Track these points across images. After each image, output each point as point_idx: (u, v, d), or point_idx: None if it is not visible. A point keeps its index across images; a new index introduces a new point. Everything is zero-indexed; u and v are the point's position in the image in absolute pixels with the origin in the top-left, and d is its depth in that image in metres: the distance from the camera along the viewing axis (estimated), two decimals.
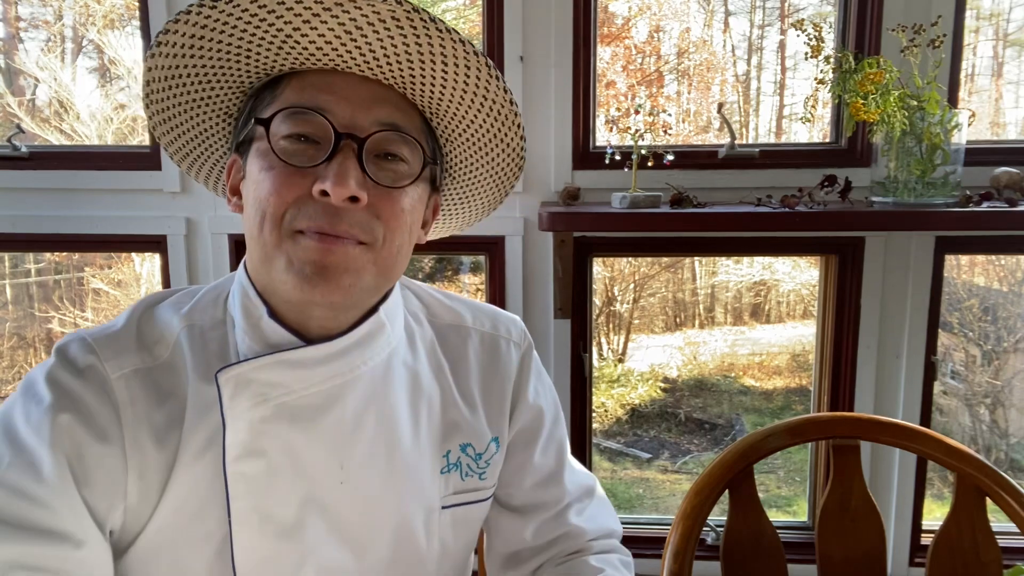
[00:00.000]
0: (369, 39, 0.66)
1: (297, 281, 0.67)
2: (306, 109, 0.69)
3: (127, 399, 0.69)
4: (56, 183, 1.77)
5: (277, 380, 0.71)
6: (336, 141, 0.67)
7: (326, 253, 0.67)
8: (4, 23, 2.73)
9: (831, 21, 1.74)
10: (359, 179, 0.67)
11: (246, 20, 0.66)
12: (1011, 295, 2.76)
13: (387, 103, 0.71)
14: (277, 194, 0.67)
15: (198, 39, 0.68)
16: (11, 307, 3.01)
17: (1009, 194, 1.50)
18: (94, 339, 0.72)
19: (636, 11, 2.53)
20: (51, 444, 0.65)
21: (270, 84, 0.73)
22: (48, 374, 0.69)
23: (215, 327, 0.75)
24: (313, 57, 0.69)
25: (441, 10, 2.67)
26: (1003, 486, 1.04)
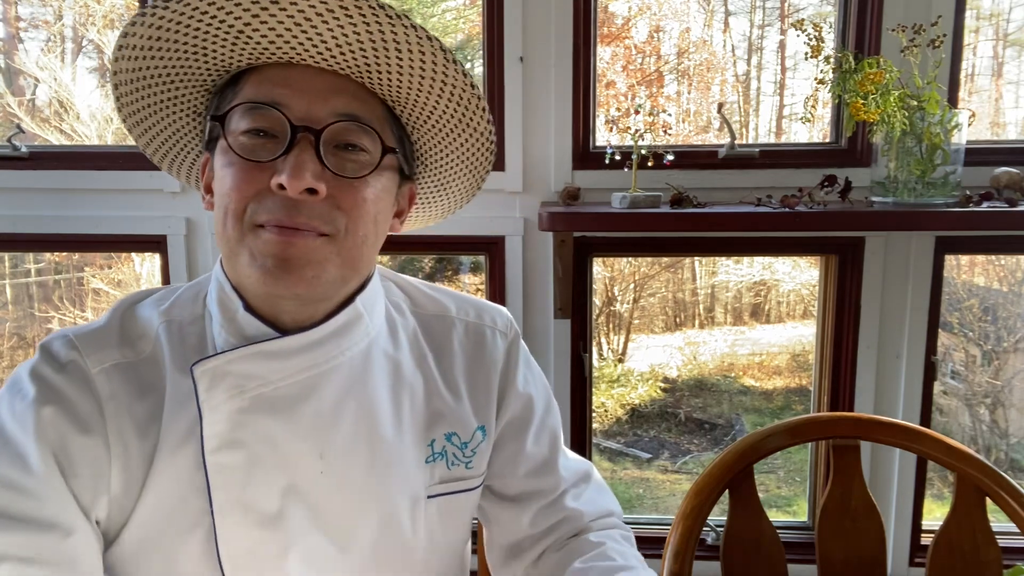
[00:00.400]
0: (320, 30, 0.66)
1: (260, 275, 0.67)
2: (261, 104, 0.69)
3: (108, 392, 0.71)
4: (56, 183, 1.77)
5: (253, 372, 0.71)
6: (292, 134, 0.68)
7: (286, 246, 0.67)
8: (4, 23, 2.73)
9: (831, 21, 1.74)
10: (316, 171, 0.67)
11: (198, 18, 0.67)
12: (1011, 295, 2.76)
13: (344, 93, 0.71)
14: (237, 189, 0.68)
15: (156, 40, 0.69)
16: (11, 307, 3.01)
17: (1009, 194, 1.50)
18: (76, 336, 0.74)
19: (636, 11, 2.53)
20: (36, 436, 0.67)
21: (231, 81, 0.73)
22: (32, 370, 0.71)
23: (194, 322, 0.76)
24: (268, 51, 0.69)
25: (441, 10, 2.67)
26: (1003, 486, 1.04)
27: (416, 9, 2.57)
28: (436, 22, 2.67)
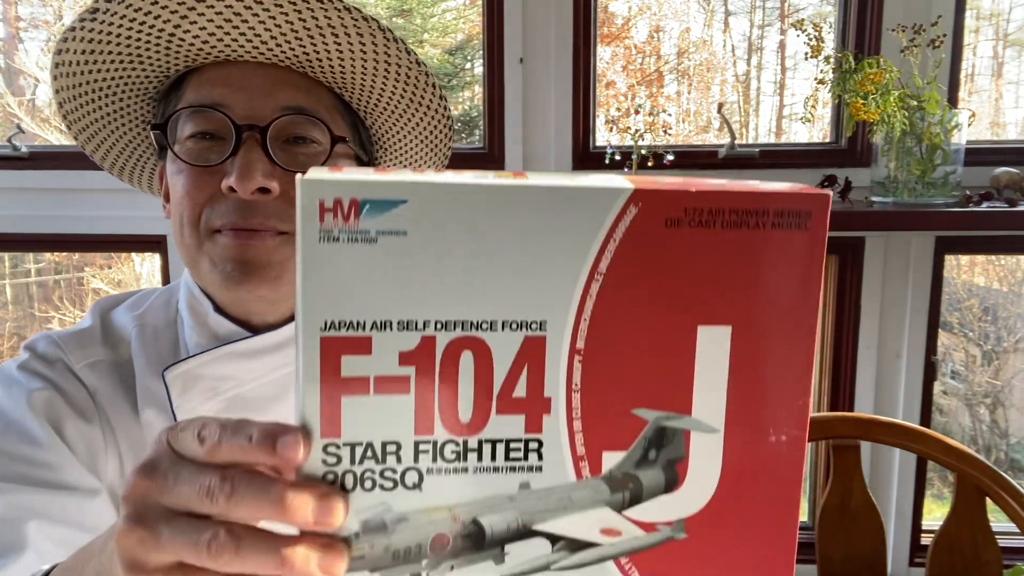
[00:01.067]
0: (251, 24, 0.65)
1: (222, 280, 0.67)
2: (202, 107, 0.67)
3: (95, 386, 0.71)
4: (56, 183, 1.77)
5: (226, 373, 0.70)
6: (237, 134, 0.66)
7: (244, 248, 0.66)
8: (4, 23, 2.73)
9: (831, 21, 1.74)
10: (266, 169, 0.65)
11: (127, 27, 0.66)
12: (1011, 295, 2.77)
13: (288, 86, 0.69)
14: (189, 196, 0.67)
15: (90, 53, 0.68)
16: (11, 307, 3.01)
17: (1009, 194, 1.50)
18: (59, 336, 0.74)
19: (636, 11, 2.53)
20: (33, 414, 0.67)
21: (174, 85, 0.72)
22: (21, 365, 0.72)
23: (168, 327, 0.76)
24: (203, 52, 0.68)
25: (441, 10, 2.67)
26: (1003, 486, 1.04)
27: (416, 9, 2.57)
28: (436, 22, 2.68)
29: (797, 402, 0.39)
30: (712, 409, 0.38)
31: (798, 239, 0.37)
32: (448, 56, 2.55)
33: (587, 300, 0.37)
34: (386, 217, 0.34)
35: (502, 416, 0.37)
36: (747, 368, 0.38)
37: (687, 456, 0.38)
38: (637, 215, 0.36)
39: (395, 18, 2.56)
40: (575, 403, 0.37)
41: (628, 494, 0.38)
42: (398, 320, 0.35)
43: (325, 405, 0.35)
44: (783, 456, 0.39)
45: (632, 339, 0.37)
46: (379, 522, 0.36)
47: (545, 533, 0.38)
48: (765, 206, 0.37)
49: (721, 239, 0.37)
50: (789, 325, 0.38)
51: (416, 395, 0.36)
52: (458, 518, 0.37)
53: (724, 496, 0.39)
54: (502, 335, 0.36)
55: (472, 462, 0.37)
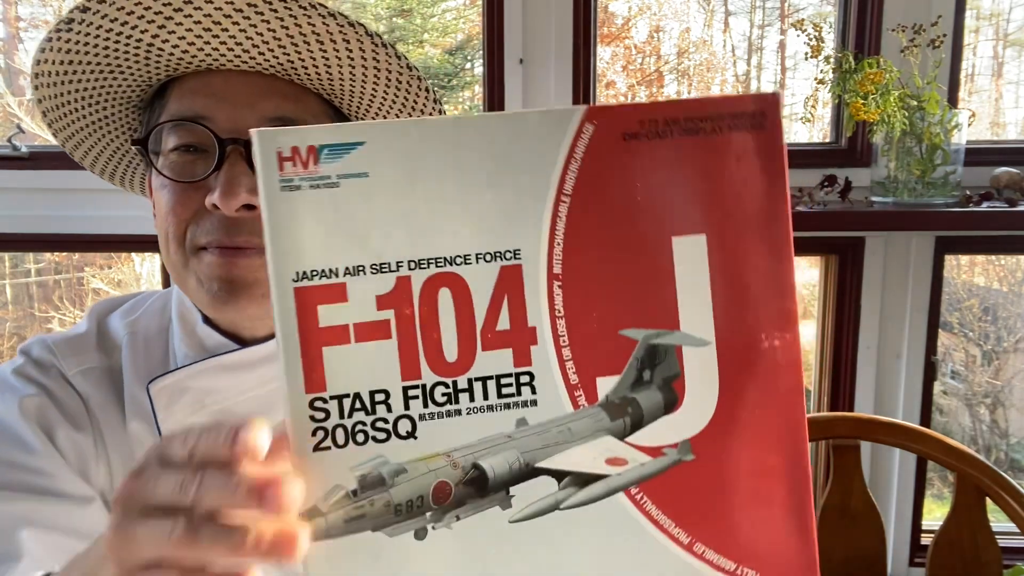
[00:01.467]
0: (232, 32, 0.62)
1: (209, 300, 0.65)
2: (184, 120, 0.65)
3: (88, 393, 0.71)
4: (56, 183, 1.77)
5: (212, 386, 0.69)
6: (221, 148, 0.63)
7: (230, 267, 0.64)
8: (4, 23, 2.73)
9: (831, 21, 1.74)
10: (251, 184, 0.62)
11: (104, 36, 0.63)
12: (1011, 295, 2.76)
13: (273, 95, 0.67)
14: (173, 213, 0.65)
15: (68, 64, 0.66)
16: (11, 307, 3.01)
17: (1009, 194, 1.50)
18: (53, 342, 0.73)
19: (636, 11, 2.53)
20: (27, 421, 0.67)
21: (158, 94, 0.70)
22: (15, 370, 0.71)
23: (159, 334, 0.75)
24: (183, 61, 0.65)
25: (441, 10, 2.67)
26: (1003, 486, 1.04)
27: (416, 9, 2.57)
28: (436, 22, 2.67)
29: (783, 305, 0.38)
30: (700, 321, 0.38)
31: (756, 140, 0.37)
32: (448, 56, 2.55)
33: (558, 223, 0.36)
34: (345, 160, 0.34)
35: (489, 352, 0.36)
36: (728, 276, 0.38)
37: (683, 373, 0.38)
38: (595, 132, 0.36)
39: (395, 18, 2.56)
40: (561, 330, 0.37)
41: (629, 419, 0.38)
42: (371, 263, 0.35)
43: (307, 359, 0.34)
44: (779, 361, 0.38)
45: (609, 259, 0.37)
46: (376, 476, 0.35)
47: (549, 470, 0.37)
48: (718, 111, 0.37)
49: (680, 147, 0.37)
50: (762, 228, 0.38)
51: (399, 339, 0.35)
52: (458, 464, 0.36)
53: (726, 410, 0.38)
54: (477, 267, 0.36)
55: (464, 403, 0.36)
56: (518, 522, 0.37)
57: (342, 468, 0.35)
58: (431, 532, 0.36)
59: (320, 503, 0.35)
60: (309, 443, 0.35)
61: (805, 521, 0.39)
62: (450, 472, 0.36)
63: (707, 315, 0.38)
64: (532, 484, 0.37)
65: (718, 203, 0.38)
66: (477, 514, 0.36)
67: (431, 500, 0.36)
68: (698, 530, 0.38)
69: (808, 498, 0.39)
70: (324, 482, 0.35)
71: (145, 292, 0.82)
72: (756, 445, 0.39)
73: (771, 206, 0.38)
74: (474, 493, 0.36)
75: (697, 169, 0.37)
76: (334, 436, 0.35)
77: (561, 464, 0.37)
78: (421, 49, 2.54)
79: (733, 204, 0.38)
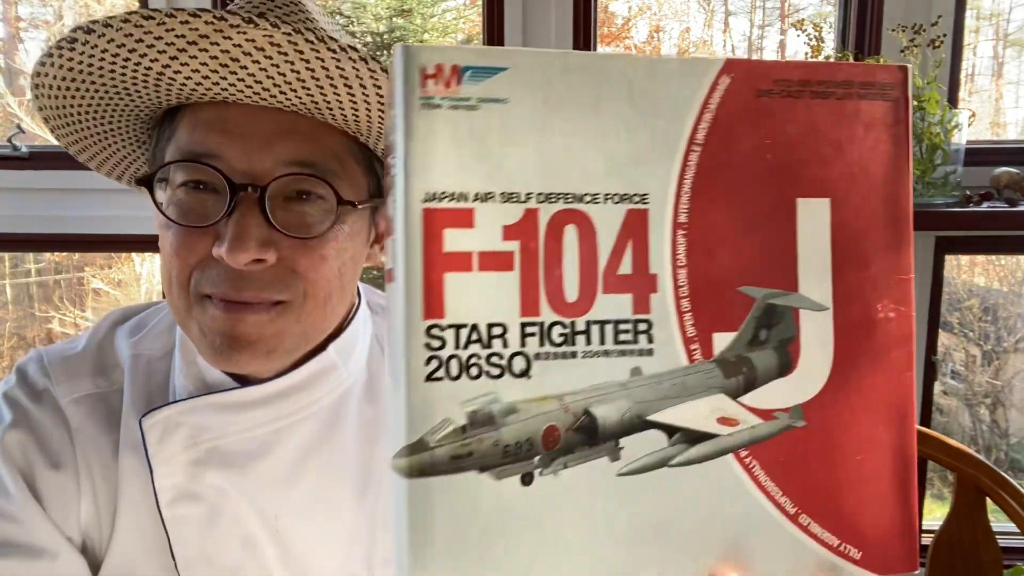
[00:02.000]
0: (251, 69, 0.56)
1: (210, 353, 0.61)
2: (194, 159, 0.60)
3: (77, 424, 0.68)
4: (56, 183, 1.77)
5: (207, 423, 0.66)
6: (232, 193, 0.58)
7: (235, 323, 0.60)
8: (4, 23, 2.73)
9: (831, 21, 1.74)
10: (262, 237, 0.58)
11: (109, 61, 0.58)
12: (1011, 295, 2.76)
13: (294, 135, 0.61)
14: (178, 256, 0.61)
15: (70, 81, 0.61)
16: (11, 307, 3.01)
17: (1009, 194, 1.50)
18: (50, 362, 0.70)
19: (636, 11, 2.53)
20: (7, 463, 0.64)
21: (168, 114, 0.65)
22: (6, 394, 0.68)
23: (164, 356, 0.71)
24: (196, 91, 0.60)
25: (441, 10, 2.67)
26: (1003, 486, 1.04)
27: (416, 9, 2.57)
28: (436, 22, 2.68)
29: (900, 277, 0.38)
30: (819, 285, 0.37)
31: (884, 110, 0.38)
32: None
33: (687, 171, 0.36)
34: (487, 84, 0.34)
35: (609, 295, 0.35)
36: (849, 243, 0.37)
37: (798, 336, 0.37)
38: (730, 85, 0.36)
39: (395, 18, 2.56)
40: (681, 280, 0.36)
41: (743, 379, 0.37)
42: (501, 192, 0.34)
43: (428, 283, 0.33)
44: (893, 333, 0.38)
45: (733, 212, 0.36)
46: (487, 414, 0.34)
47: (661, 424, 0.36)
48: (850, 77, 0.37)
49: (811, 109, 0.37)
50: (885, 199, 0.38)
51: (521, 272, 0.34)
52: (569, 409, 0.35)
53: (839, 379, 0.37)
54: (605, 207, 0.35)
55: (581, 346, 0.35)
56: (625, 475, 0.36)
57: (453, 402, 0.34)
58: (538, 478, 0.35)
59: (428, 436, 0.33)
60: (422, 372, 0.33)
61: (909, 504, 0.38)
62: (561, 416, 0.35)
63: (826, 280, 0.37)
64: (642, 437, 0.36)
65: (844, 169, 0.37)
66: (585, 463, 0.35)
67: (540, 444, 0.35)
68: (804, 501, 0.37)
69: (913, 479, 0.38)
70: (433, 415, 0.34)
71: (157, 305, 0.78)
72: (866, 417, 0.38)
73: (895, 177, 0.38)
74: (584, 441, 0.35)
75: (826, 133, 0.37)
76: (448, 367, 0.34)
77: (673, 419, 0.36)
78: None
79: (859, 171, 0.38)
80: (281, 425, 0.68)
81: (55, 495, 0.66)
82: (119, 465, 0.68)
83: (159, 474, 0.66)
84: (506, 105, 0.34)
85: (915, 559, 0.39)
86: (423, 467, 0.33)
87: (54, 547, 0.64)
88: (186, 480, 0.66)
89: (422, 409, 0.33)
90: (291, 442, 0.69)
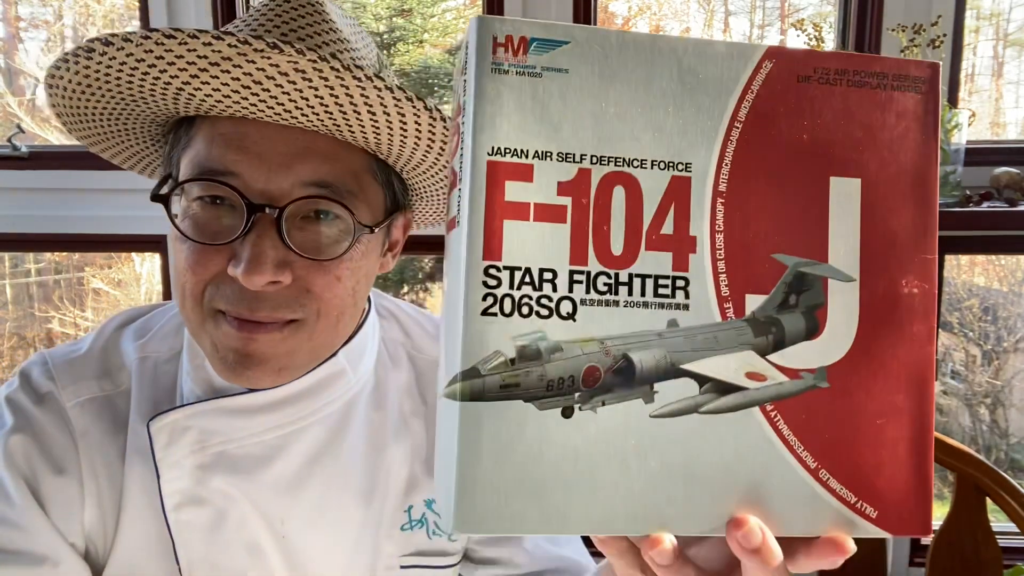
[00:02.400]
0: (273, 92, 0.56)
1: (222, 368, 0.61)
2: (211, 177, 0.59)
3: (82, 428, 0.67)
4: (56, 183, 1.77)
5: (215, 427, 0.66)
6: (249, 213, 0.58)
7: (248, 341, 0.60)
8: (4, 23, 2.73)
9: (831, 21, 1.74)
10: (278, 258, 0.58)
11: (128, 72, 0.57)
12: (1011, 295, 2.76)
13: (312, 155, 0.60)
14: (192, 271, 0.60)
15: (86, 86, 0.61)
16: (11, 307, 3.01)
17: (1009, 194, 1.50)
18: (55, 364, 0.70)
19: (636, 11, 2.53)
20: (11, 468, 0.64)
21: (185, 120, 0.64)
22: (9, 398, 0.68)
23: (171, 359, 0.71)
24: (217, 107, 0.59)
25: (441, 10, 2.67)
26: (1003, 486, 1.04)
27: (416, 9, 2.57)
28: (436, 22, 2.68)
29: (924, 256, 0.41)
30: (847, 258, 0.40)
31: (915, 102, 0.41)
32: (448, 56, 2.55)
33: (728, 145, 0.39)
34: (551, 55, 0.38)
35: (651, 252, 0.39)
36: (877, 221, 0.40)
37: (826, 303, 0.40)
38: (772, 69, 0.40)
39: (395, 18, 2.56)
40: (719, 243, 0.39)
41: (771, 338, 0.40)
42: (558, 151, 0.38)
43: (488, 228, 0.37)
44: (916, 308, 0.41)
45: (770, 186, 0.40)
46: (534, 350, 0.37)
47: (693, 373, 0.39)
48: (885, 69, 0.40)
49: (847, 96, 0.40)
50: (913, 183, 0.41)
51: (572, 225, 0.38)
52: (609, 352, 0.38)
53: (863, 346, 0.40)
54: (651, 173, 0.39)
55: (623, 296, 0.38)
56: (658, 418, 0.38)
57: (504, 336, 0.37)
58: (577, 412, 0.38)
59: (480, 365, 0.37)
60: (479, 307, 0.37)
61: (925, 469, 0.40)
62: (602, 358, 0.38)
63: (854, 253, 0.40)
64: (675, 384, 0.39)
65: (875, 153, 0.40)
66: (621, 403, 0.38)
67: (581, 381, 0.38)
68: (825, 457, 0.39)
69: (929, 448, 0.41)
70: (486, 346, 0.37)
71: (163, 307, 0.78)
72: (887, 384, 0.40)
73: (923, 164, 0.41)
74: (621, 382, 0.38)
75: (860, 119, 0.40)
76: (502, 304, 0.37)
77: (704, 369, 0.39)
78: (421, 49, 2.55)
79: (889, 156, 0.40)
80: (289, 430, 0.68)
81: (58, 501, 0.66)
82: (125, 469, 0.67)
83: (166, 479, 0.66)
84: (567, 75, 0.38)
85: (929, 522, 0.40)
86: (474, 392, 0.36)
87: (56, 554, 0.64)
88: (192, 484, 0.66)
89: (477, 340, 0.37)
90: (299, 447, 0.69)
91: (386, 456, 0.74)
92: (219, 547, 0.67)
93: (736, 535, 0.37)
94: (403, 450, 0.75)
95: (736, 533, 0.37)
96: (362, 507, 0.72)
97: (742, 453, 0.39)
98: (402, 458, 0.75)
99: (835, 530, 0.39)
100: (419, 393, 0.78)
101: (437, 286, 2.80)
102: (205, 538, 0.67)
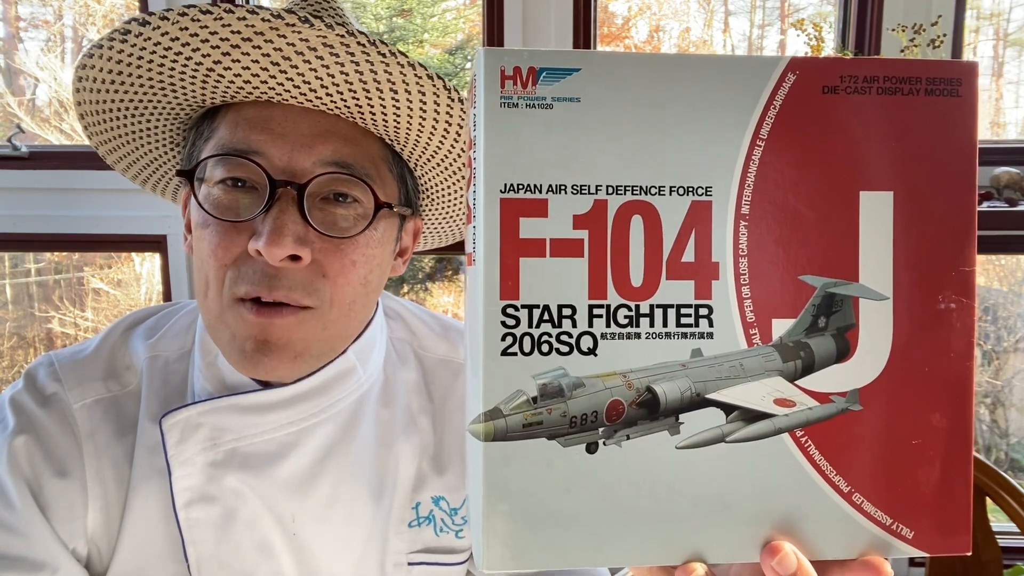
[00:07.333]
0: (301, 69, 0.58)
1: (239, 358, 0.62)
2: (236, 154, 0.61)
3: (88, 430, 0.67)
4: (56, 183, 1.77)
5: (228, 424, 0.66)
6: (272, 189, 0.60)
7: (265, 327, 0.61)
8: (4, 23, 2.73)
9: (831, 21, 1.74)
10: (299, 233, 0.60)
11: (161, 54, 0.59)
12: (1011, 295, 2.76)
13: (333, 137, 0.62)
14: (214, 256, 0.62)
15: (116, 74, 0.63)
16: (11, 307, 3.01)
17: (1009, 194, 1.50)
18: (61, 365, 0.70)
19: (636, 11, 2.53)
20: (10, 470, 0.64)
21: (208, 114, 0.67)
22: (13, 399, 0.68)
23: (181, 358, 0.71)
24: (243, 90, 0.61)
25: (441, 10, 2.67)
26: (1003, 486, 1.04)
27: (416, 9, 2.57)
28: (436, 22, 2.67)
29: (962, 269, 0.39)
30: (880, 276, 0.38)
31: (951, 106, 0.38)
32: (448, 56, 2.55)
33: (750, 165, 0.38)
34: (561, 84, 0.36)
35: (672, 281, 0.38)
36: (911, 235, 0.38)
37: (858, 324, 0.39)
38: (796, 82, 0.38)
39: (395, 18, 2.56)
40: (743, 268, 0.38)
41: (800, 363, 0.38)
42: (572, 184, 0.37)
43: (504, 267, 0.36)
44: (953, 324, 0.39)
45: (796, 205, 0.38)
46: (556, 387, 0.37)
47: (719, 402, 0.38)
48: (917, 73, 0.38)
49: (878, 105, 0.38)
50: (950, 193, 0.39)
51: (590, 258, 0.37)
52: (632, 385, 0.37)
53: (897, 366, 0.39)
54: (670, 199, 0.37)
55: (644, 327, 0.37)
56: (684, 449, 0.38)
57: (525, 375, 0.37)
58: (602, 447, 0.37)
59: (502, 405, 0.36)
60: (498, 347, 0.37)
61: (963, 489, 0.39)
62: (624, 392, 0.37)
63: (887, 270, 0.39)
64: (701, 414, 0.38)
65: (909, 163, 0.38)
66: (646, 436, 0.38)
67: (604, 416, 0.37)
68: (858, 480, 0.38)
69: (968, 467, 0.39)
70: (507, 386, 0.37)
71: (172, 307, 0.78)
72: (923, 404, 0.39)
73: (961, 172, 0.39)
74: (645, 415, 0.37)
75: (892, 128, 0.38)
76: (521, 343, 0.37)
77: (731, 398, 0.38)
78: (421, 49, 2.55)
79: (924, 166, 0.39)
80: (301, 427, 0.69)
81: (61, 504, 0.65)
82: (132, 469, 0.67)
83: (177, 476, 0.66)
84: (579, 104, 0.37)
85: (968, 540, 0.39)
86: (498, 432, 0.36)
87: (54, 560, 0.64)
88: (204, 482, 0.66)
89: (498, 381, 0.37)
90: (310, 444, 0.69)
91: (395, 453, 0.74)
92: (229, 545, 0.67)
93: (771, 563, 0.37)
94: (411, 447, 0.75)
95: (771, 560, 0.37)
96: (372, 504, 0.72)
97: (773, 480, 0.38)
98: (410, 455, 0.75)
99: (871, 552, 0.38)
100: (426, 391, 0.78)
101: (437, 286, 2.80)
102: (215, 536, 0.67)
